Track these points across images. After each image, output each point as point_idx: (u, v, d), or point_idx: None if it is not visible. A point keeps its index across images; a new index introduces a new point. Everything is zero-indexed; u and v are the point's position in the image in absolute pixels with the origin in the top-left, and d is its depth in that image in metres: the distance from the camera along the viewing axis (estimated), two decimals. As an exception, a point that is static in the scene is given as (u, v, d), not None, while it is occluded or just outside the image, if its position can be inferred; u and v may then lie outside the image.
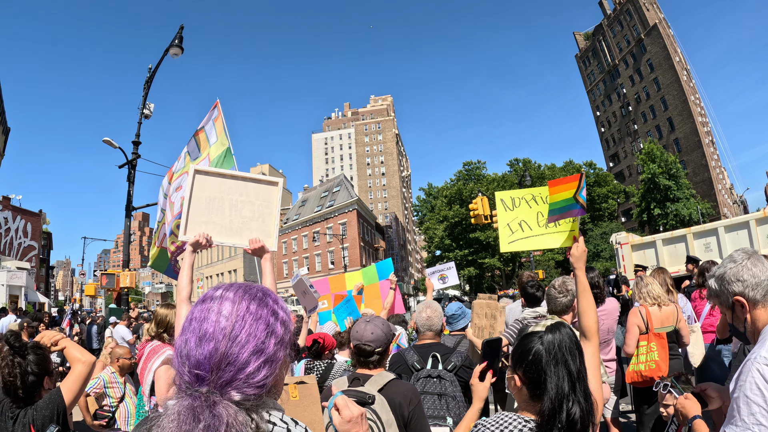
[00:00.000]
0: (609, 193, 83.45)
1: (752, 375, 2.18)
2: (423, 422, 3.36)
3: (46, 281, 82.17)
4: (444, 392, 4.13)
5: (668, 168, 71.47)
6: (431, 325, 4.79)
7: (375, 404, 3.12)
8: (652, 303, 6.05)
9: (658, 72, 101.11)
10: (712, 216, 72.02)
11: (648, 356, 5.76)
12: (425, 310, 4.84)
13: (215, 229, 3.80)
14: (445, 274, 10.16)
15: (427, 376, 4.25)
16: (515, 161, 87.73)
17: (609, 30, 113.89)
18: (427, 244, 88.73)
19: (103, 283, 20.43)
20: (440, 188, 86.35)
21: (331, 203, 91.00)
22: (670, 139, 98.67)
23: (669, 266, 20.81)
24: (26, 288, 46.53)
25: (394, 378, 3.40)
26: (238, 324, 1.40)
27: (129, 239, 20.20)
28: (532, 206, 3.65)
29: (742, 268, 2.45)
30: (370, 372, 3.55)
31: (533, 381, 2.21)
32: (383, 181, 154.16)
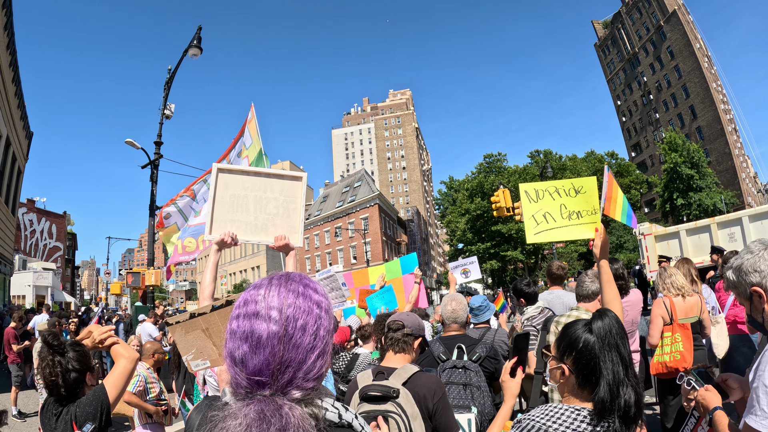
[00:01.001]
0: (631, 183, 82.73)
1: None
2: (448, 413, 3.40)
3: (72, 281, 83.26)
4: (469, 382, 4.20)
5: (691, 157, 70.60)
6: (456, 317, 4.88)
7: (399, 398, 3.20)
8: (676, 294, 6.02)
9: (679, 59, 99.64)
10: (736, 205, 71.02)
11: (672, 347, 5.72)
12: (450, 303, 4.92)
13: (240, 227, 3.82)
14: (467, 269, 10.35)
15: (453, 367, 4.34)
16: (536, 153, 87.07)
17: (628, 18, 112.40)
18: (449, 237, 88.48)
19: (128, 282, 20.59)
20: (461, 181, 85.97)
21: (353, 198, 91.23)
22: (692, 128, 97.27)
23: (693, 257, 20.56)
24: (52, 288, 47.23)
25: (418, 371, 3.42)
26: (291, 325, 1.42)
27: (153, 238, 20.28)
28: (556, 198, 3.67)
29: (759, 258, 2.45)
30: (394, 358, 3.65)
31: (586, 369, 2.19)
32: (404, 175, 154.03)
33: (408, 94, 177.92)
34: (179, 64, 20.50)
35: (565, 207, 3.64)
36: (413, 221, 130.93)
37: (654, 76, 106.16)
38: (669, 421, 5.88)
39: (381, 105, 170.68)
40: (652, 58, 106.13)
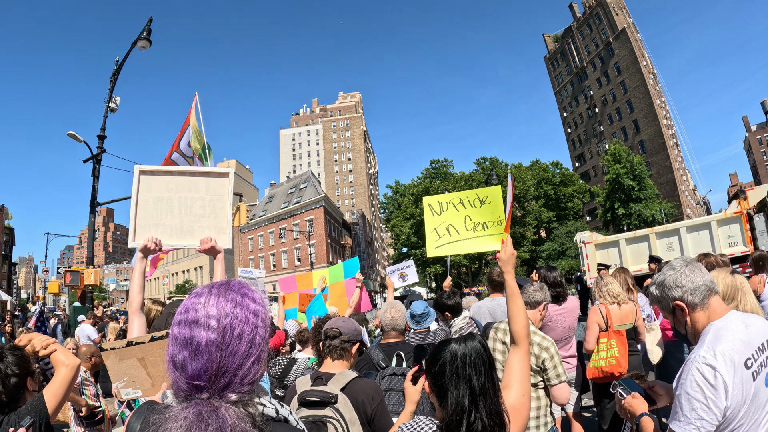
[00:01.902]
0: (574, 193, 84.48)
1: (692, 373, 2.37)
2: (386, 419, 3.42)
3: (8, 278, 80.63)
4: None
5: (633, 169, 72.96)
6: (395, 324, 4.94)
7: (338, 403, 3.20)
8: (611, 301, 6.22)
9: (625, 75, 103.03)
10: (675, 216, 73.82)
11: (608, 353, 5.91)
12: (389, 310, 4.97)
13: (165, 231, 3.68)
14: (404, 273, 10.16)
15: (392, 374, 4.36)
16: (482, 160, 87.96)
17: (578, 33, 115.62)
18: (393, 241, 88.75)
19: (66, 281, 19.99)
20: (407, 186, 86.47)
21: (298, 200, 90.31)
22: (635, 141, 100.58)
23: (632, 265, 21.38)
24: (-13, 285, 45.55)
25: (356, 376, 3.45)
26: (227, 335, 1.49)
27: (93, 235, 19.95)
28: (460, 210, 3.59)
29: (681, 274, 2.64)
30: (333, 364, 3.65)
31: (438, 390, 2.24)
32: (350, 178, 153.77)
33: (358, 97, 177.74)
34: (127, 56, 20.09)
35: (470, 218, 3.57)
36: (358, 224, 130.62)
37: (600, 90, 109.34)
38: (605, 423, 6.13)
39: (330, 107, 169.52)
40: (600, 73, 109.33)
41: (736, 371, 2.34)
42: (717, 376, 2.32)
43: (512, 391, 2.56)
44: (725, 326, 2.51)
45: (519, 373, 2.68)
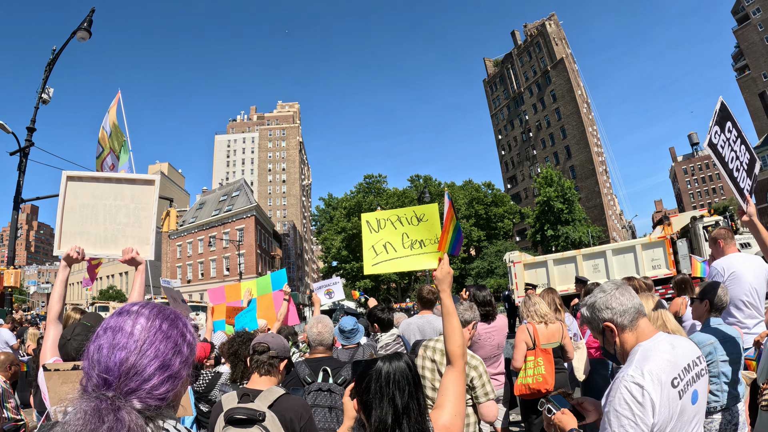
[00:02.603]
0: (505, 213, 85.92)
1: (621, 391, 2.43)
2: None
3: None
4: (335, 405, 4.22)
5: (563, 192, 75.44)
6: (322, 339, 4.85)
7: (266, 421, 3.17)
8: (539, 321, 6.32)
9: (560, 103, 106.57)
10: (602, 239, 76.45)
11: (535, 370, 6.02)
12: (316, 325, 4.89)
13: (89, 240, 3.62)
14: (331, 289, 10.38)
15: (318, 390, 4.33)
16: (416, 177, 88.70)
17: (518, 59, 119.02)
18: (324, 254, 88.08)
19: (-17, 281, 18.80)
20: (340, 199, 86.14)
21: (230, 208, 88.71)
22: (566, 166, 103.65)
23: (559, 285, 21.89)
24: None
25: (284, 393, 3.41)
26: (149, 339, 1.52)
27: (16, 234, 19.01)
28: (398, 227, 3.59)
29: (611, 297, 2.71)
30: (260, 380, 3.62)
31: (365, 407, 2.27)
32: (284, 188, 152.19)
33: (296, 107, 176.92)
34: (64, 45, 19.25)
35: (407, 236, 3.57)
36: (289, 236, 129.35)
37: (535, 115, 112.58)
38: (533, 438, 6.29)
39: (268, 115, 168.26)
40: (536, 99, 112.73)
41: (663, 390, 2.41)
42: (645, 394, 2.38)
43: (445, 411, 2.55)
44: (653, 347, 2.58)
45: (453, 393, 2.66)
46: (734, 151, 4.37)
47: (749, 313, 5.43)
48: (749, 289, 5.40)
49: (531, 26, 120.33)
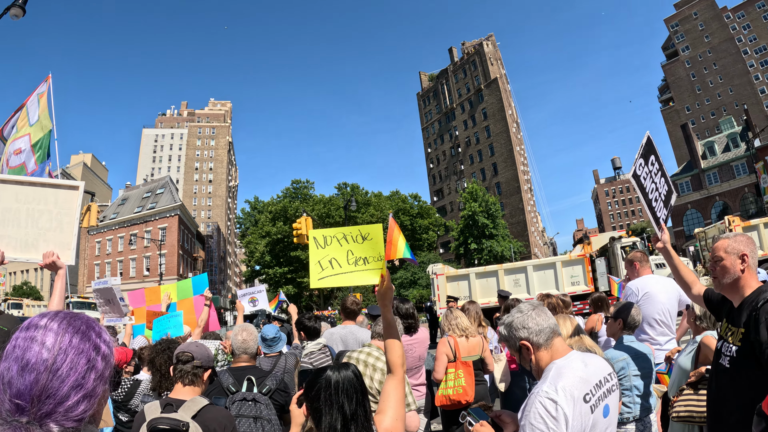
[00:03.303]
0: (430, 225, 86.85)
1: (536, 406, 2.56)
2: None
3: None
4: (259, 415, 4.17)
5: (488, 208, 77.38)
6: (246, 348, 4.81)
7: None
8: (460, 334, 6.43)
9: (491, 121, 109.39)
10: (523, 254, 78.68)
11: (456, 382, 6.13)
12: (241, 333, 4.84)
13: (10, 244, 3.62)
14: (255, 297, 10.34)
15: (242, 399, 4.27)
16: (344, 185, 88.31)
17: (453, 75, 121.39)
18: (247, 258, 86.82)
19: None
20: (266, 203, 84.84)
21: (153, 205, 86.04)
22: (492, 182, 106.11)
23: (481, 298, 22.30)
24: None
25: (208, 404, 3.38)
26: (60, 357, 1.41)
27: None
28: (343, 244, 3.68)
29: (528, 317, 2.85)
30: (183, 390, 3.58)
31: (315, 414, 2.43)
32: (210, 188, 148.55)
33: (228, 106, 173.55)
34: None
35: (352, 253, 3.67)
36: (213, 237, 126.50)
37: (466, 131, 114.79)
38: (455, 449, 6.38)
39: (199, 112, 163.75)
40: (467, 116, 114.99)
41: (576, 405, 2.53)
42: (558, 409, 2.50)
43: (387, 415, 2.71)
44: (566, 365, 2.71)
45: (394, 399, 2.83)
46: (654, 183, 4.61)
47: (661, 330, 5.78)
48: (661, 309, 5.77)
49: (469, 44, 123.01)
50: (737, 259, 3.31)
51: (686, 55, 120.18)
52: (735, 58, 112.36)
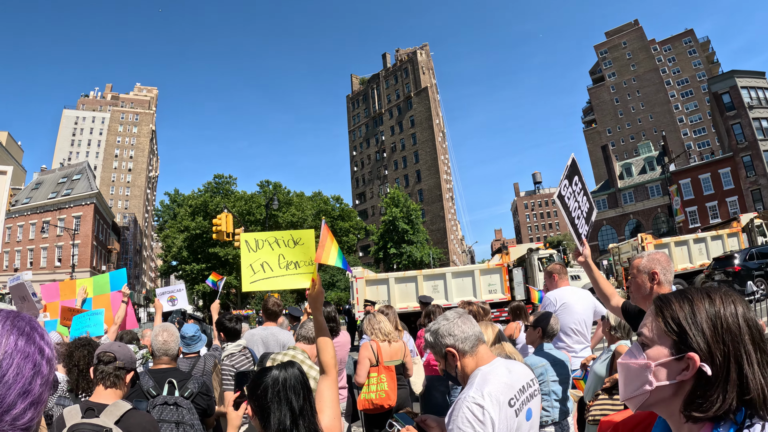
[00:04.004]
0: (351, 228, 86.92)
1: (463, 411, 2.63)
2: None
3: None
4: (182, 420, 4.05)
5: (409, 214, 78.39)
6: (167, 349, 4.69)
7: None
8: (383, 339, 6.48)
9: (418, 129, 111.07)
10: (442, 261, 79.95)
11: (378, 386, 6.21)
12: (162, 334, 4.71)
13: None
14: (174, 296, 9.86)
15: (164, 403, 4.14)
16: (266, 183, 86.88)
17: (384, 81, 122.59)
18: (164, 252, 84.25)
19: None
20: (187, 196, 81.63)
21: (69, 192, 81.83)
22: (415, 189, 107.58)
23: (399, 303, 22.58)
24: None
25: (131, 408, 3.28)
26: (6, 363, 1.26)
27: None
28: (275, 248, 3.74)
29: (453, 325, 2.94)
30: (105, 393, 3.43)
31: (262, 412, 2.46)
32: (129, 177, 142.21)
33: (154, 93, 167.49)
34: None
35: (284, 257, 3.73)
36: (129, 229, 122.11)
37: (392, 137, 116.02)
38: (375, 453, 6.42)
39: (124, 96, 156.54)
40: (395, 122, 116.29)
41: (501, 409, 2.64)
42: (485, 413, 2.59)
43: (325, 415, 2.79)
44: (491, 371, 2.81)
45: (329, 399, 2.94)
46: (577, 202, 4.80)
47: (577, 339, 6.04)
48: (578, 319, 6.03)
49: (403, 52, 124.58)
50: (647, 277, 3.56)
51: (612, 81, 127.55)
52: (658, 87, 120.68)
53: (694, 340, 1.36)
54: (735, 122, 65.51)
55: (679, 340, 1.39)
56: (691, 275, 25.96)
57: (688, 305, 1.42)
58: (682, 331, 1.39)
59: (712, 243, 27.70)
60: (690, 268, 26.27)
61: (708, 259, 26.30)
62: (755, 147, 64.24)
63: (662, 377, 1.40)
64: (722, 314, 1.37)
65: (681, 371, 1.37)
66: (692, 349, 1.36)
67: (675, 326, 1.41)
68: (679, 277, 25.36)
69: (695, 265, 26.38)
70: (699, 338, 1.36)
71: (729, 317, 1.36)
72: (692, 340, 1.36)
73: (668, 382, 1.39)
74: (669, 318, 1.43)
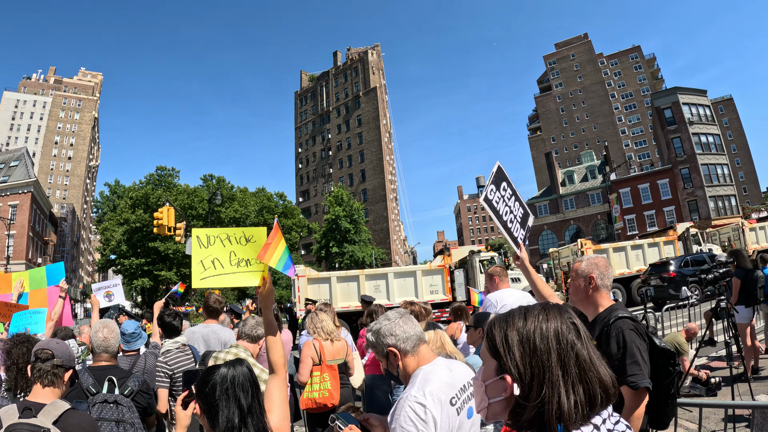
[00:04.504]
0: (294, 226, 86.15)
1: (405, 410, 2.67)
2: None
3: None
4: (122, 419, 3.99)
5: (352, 213, 78.98)
6: (108, 346, 4.57)
7: None
8: (325, 338, 6.53)
9: (365, 128, 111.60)
10: (385, 261, 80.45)
11: (321, 385, 6.26)
12: (102, 330, 4.59)
13: None
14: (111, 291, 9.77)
15: (104, 401, 4.06)
16: (210, 177, 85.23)
17: (334, 79, 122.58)
18: (102, 246, 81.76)
19: None
20: (128, 188, 78.73)
21: (5, 179, 77.98)
22: (359, 188, 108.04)
23: (341, 302, 22.77)
24: None
25: (70, 408, 3.18)
26: None
27: None
28: (226, 245, 3.70)
29: (395, 325, 2.99)
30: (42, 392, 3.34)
31: (210, 411, 2.45)
32: (68, 166, 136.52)
33: (99, 78, 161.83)
34: None
35: (235, 254, 3.69)
36: (67, 220, 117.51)
37: (339, 135, 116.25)
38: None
39: (67, 81, 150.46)
40: (342, 120, 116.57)
41: (443, 408, 2.70)
42: (427, 412, 2.64)
43: (274, 414, 2.77)
44: (433, 370, 2.87)
45: (278, 398, 2.91)
46: (509, 206, 4.91)
47: (517, 340, 6.14)
48: None
49: (354, 51, 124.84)
50: (584, 281, 3.68)
51: (558, 91, 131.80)
52: (603, 99, 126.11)
53: (507, 363, 1.48)
54: (675, 136, 69.41)
55: (498, 363, 1.51)
56: (629, 280, 27.03)
57: (504, 329, 1.54)
58: (499, 355, 1.51)
59: (649, 250, 28.94)
60: (627, 273, 27.35)
61: (645, 265, 27.39)
62: (693, 160, 68.20)
63: (492, 394, 1.52)
64: (531, 336, 1.48)
65: (504, 389, 1.48)
66: (507, 371, 1.47)
67: (494, 350, 1.53)
68: (617, 281, 26.34)
69: (632, 271, 27.50)
70: (510, 361, 1.47)
71: (537, 339, 1.48)
72: (506, 363, 1.48)
73: (497, 399, 1.51)
74: (490, 342, 1.55)
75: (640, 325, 3.44)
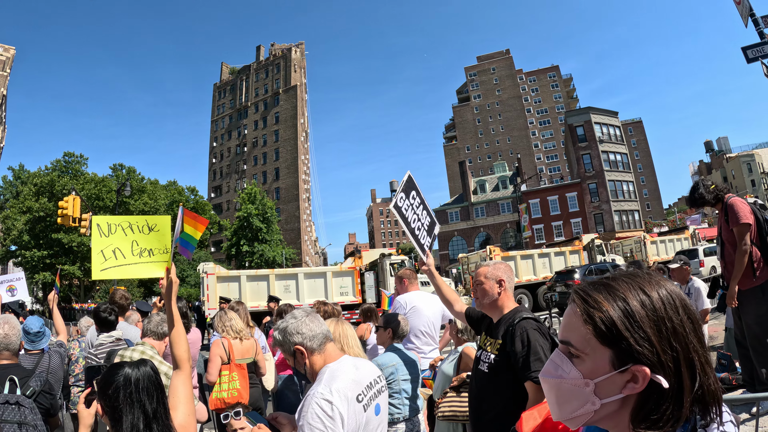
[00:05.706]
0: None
1: (312, 407, 2.71)
2: None
3: None
4: (24, 421, 3.76)
5: (264, 211, 78.11)
6: (8, 344, 4.31)
7: None
8: (234, 336, 6.50)
9: (282, 126, 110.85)
10: (295, 261, 79.93)
11: (230, 385, 6.20)
12: (2, 327, 4.31)
13: None
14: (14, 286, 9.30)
15: (5, 402, 3.81)
16: (119, 166, 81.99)
17: (255, 73, 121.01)
18: (2, 235, 77.64)
19: None
20: (32, 174, 74.42)
21: None
22: (272, 186, 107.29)
23: (250, 301, 22.63)
24: None
25: None
26: None
27: None
28: (128, 234, 3.57)
29: (302, 323, 3.02)
30: None
31: (113, 414, 2.37)
32: None
33: (11, 53, 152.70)
34: None
35: (137, 244, 3.58)
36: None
37: (255, 132, 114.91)
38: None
39: None
40: (259, 117, 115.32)
41: (350, 405, 2.75)
42: (334, 409, 2.69)
43: (179, 411, 2.74)
44: (339, 368, 2.92)
45: (183, 394, 2.87)
46: (417, 214, 5.09)
47: (426, 341, 6.33)
48: (426, 322, 6.31)
49: (278, 47, 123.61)
50: (495, 284, 3.78)
51: (476, 102, 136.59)
52: (518, 113, 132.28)
53: (639, 350, 1.14)
54: (585, 153, 73.57)
55: (620, 351, 1.16)
56: (535, 286, 28.44)
57: (622, 304, 1.19)
58: (622, 340, 1.15)
59: (555, 258, 30.38)
60: (534, 280, 28.70)
61: (551, 273, 28.83)
62: (601, 176, 72.49)
63: (606, 394, 1.18)
64: (663, 311, 1.17)
65: (626, 383, 1.16)
66: (637, 360, 1.14)
67: (612, 335, 1.17)
68: (523, 287, 27.84)
69: (539, 277, 28.85)
70: (645, 347, 1.14)
71: (670, 311, 1.17)
72: (637, 351, 1.14)
73: (614, 398, 1.17)
74: (602, 325, 1.18)
75: (542, 325, 3.61)
